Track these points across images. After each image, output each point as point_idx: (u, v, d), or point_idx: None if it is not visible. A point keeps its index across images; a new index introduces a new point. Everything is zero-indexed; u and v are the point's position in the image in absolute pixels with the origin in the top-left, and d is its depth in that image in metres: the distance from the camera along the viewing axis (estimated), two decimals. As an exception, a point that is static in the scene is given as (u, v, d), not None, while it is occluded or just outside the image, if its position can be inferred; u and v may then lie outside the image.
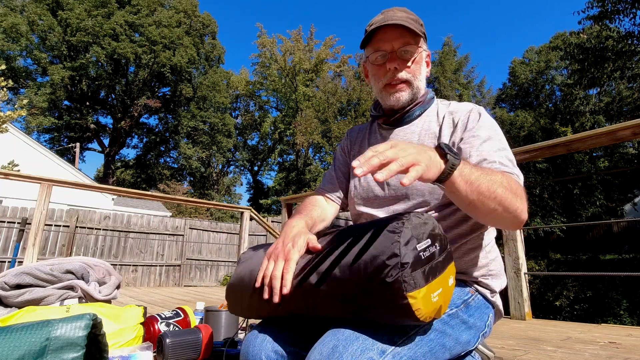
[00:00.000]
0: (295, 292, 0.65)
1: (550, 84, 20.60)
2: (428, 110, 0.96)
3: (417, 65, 0.92)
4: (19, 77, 21.25)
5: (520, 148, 2.49)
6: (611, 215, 12.80)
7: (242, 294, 0.76)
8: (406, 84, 0.91)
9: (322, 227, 0.95)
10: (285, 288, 0.65)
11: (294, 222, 0.85)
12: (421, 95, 0.95)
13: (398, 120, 0.96)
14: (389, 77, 0.91)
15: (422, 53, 0.93)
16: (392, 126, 0.98)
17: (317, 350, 0.59)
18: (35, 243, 3.00)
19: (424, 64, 0.95)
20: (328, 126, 22.34)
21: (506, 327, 2.00)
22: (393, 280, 0.54)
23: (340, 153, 1.11)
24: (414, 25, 0.89)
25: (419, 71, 0.92)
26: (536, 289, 6.37)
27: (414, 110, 0.95)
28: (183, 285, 7.99)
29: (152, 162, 27.98)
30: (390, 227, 0.59)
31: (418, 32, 0.89)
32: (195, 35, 26.37)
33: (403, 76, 0.90)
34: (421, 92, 0.95)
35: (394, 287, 0.54)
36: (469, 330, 0.76)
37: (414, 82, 0.92)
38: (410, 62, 0.91)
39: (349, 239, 0.64)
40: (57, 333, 0.73)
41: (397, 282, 0.54)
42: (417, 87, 0.93)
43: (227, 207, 5.46)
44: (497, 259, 0.89)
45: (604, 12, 8.91)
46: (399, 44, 0.89)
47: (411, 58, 0.91)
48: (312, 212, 0.95)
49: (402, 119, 0.96)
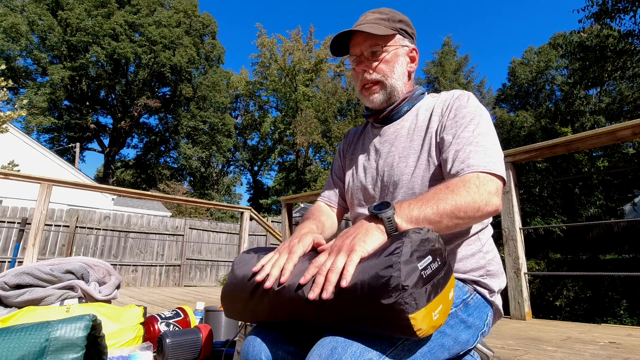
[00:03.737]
0: (294, 301, 0.64)
1: (550, 84, 20.61)
2: (417, 105, 0.97)
3: (388, 64, 0.93)
4: (19, 77, 21.26)
5: (520, 148, 2.49)
6: (611, 215, 12.80)
7: (239, 297, 0.75)
8: (378, 84, 0.93)
9: (331, 233, 0.99)
10: (284, 277, 0.66)
11: (304, 224, 0.90)
12: (401, 92, 0.95)
13: (387, 117, 0.98)
14: (360, 80, 0.95)
15: (396, 51, 0.94)
16: (382, 124, 1.00)
17: (316, 352, 0.58)
18: (35, 243, 3.00)
19: (401, 61, 0.95)
20: (328, 126, 22.35)
21: (506, 327, 2.00)
22: (394, 302, 0.53)
23: (337, 157, 1.14)
24: (380, 27, 0.90)
25: (390, 70, 0.93)
26: (536, 289, 6.37)
27: (401, 107, 0.96)
28: (183, 285, 8.00)
29: (152, 162, 28.00)
30: (391, 245, 0.59)
31: (384, 32, 0.90)
32: (195, 35, 26.38)
33: (372, 77, 0.93)
34: (399, 90, 0.95)
35: (396, 309, 0.53)
36: (468, 329, 0.76)
37: (386, 81, 0.93)
38: (378, 63, 0.92)
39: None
40: (56, 334, 0.73)
41: (398, 304, 0.52)
42: (391, 86, 0.93)
43: (227, 207, 5.46)
44: (495, 258, 0.89)
45: (605, 10, 8.89)
46: (366, 46, 0.92)
47: (378, 59, 0.92)
48: (319, 216, 0.99)
49: (390, 116, 0.97)
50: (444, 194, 0.71)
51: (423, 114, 0.93)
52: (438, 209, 0.68)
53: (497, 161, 0.78)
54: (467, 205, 0.70)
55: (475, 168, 0.76)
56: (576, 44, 11.07)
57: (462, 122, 0.84)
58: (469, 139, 0.81)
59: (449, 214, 0.69)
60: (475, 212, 0.71)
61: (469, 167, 0.76)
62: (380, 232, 0.64)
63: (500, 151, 0.82)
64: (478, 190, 0.72)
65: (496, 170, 0.76)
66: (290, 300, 0.64)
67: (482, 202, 0.72)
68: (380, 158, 0.95)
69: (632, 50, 9.52)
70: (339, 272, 0.59)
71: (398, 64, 0.94)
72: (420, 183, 0.86)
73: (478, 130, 0.82)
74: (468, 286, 0.83)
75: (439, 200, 0.69)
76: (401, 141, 0.92)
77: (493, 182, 0.75)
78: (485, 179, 0.75)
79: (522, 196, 11.05)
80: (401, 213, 0.67)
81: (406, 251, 0.56)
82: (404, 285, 0.53)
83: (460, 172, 0.77)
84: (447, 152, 0.82)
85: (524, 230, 2.52)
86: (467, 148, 0.79)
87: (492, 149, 0.80)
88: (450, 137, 0.83)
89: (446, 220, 0.69)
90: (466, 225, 0.73)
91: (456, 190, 0.71)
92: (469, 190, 0.72)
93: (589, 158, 11.87)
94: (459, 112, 0.86)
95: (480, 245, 0.87)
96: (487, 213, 0.73)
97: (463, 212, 0.70)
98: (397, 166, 0.89)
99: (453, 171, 0.78)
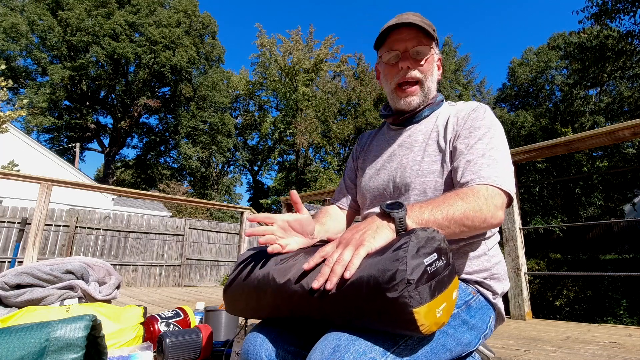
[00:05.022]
0: (297, 293, 0.64)
1: (550, 84, 20.61)
2: (436, 111, 0.98)
3: (430, 66, 0.94)
4: (19, 77, 21.25)
5: (520, 148, 2.50)
6: (611, 215, 12.80)
7: (242, 294, 0.76)
8: (418, 84, 0.94)
9: (335, 234, 0.98)
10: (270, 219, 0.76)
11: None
12: (432, 97, 0.97)
13: (406, 119, 0.98)
14: (400, 76, 0.93)
15: (434, 55, 0.96)
16: (400, 126, 1.00)
17: (319, 350, 0.58)
18: (35, 243, 3.00)
19: (435, 67, 0.98)
20: (328, 126, 22.34)
21: (506, 327, 2.00)
22: (399, 295, 0.53)
23: (350, 159, 1.15)
24: (427, 28, 0.91)
25: (430, 72, 0.95)
26: (536, 289, 6.37)
27: (422, 111, 0.97)
28: (183, 285, 7.99)
29: (152, 162, 27.98)
30: (397, 241, 0.59)
31: (431, 34, 0.91)
32: (195, 35, 26.37)
33: (415, 75, 0.93)
34: (432, 94, 0.97)
35: (400, 303, 0.53)
36: (470, 331, 0.76)
37: (426, 82, 0.94)
38: (423, 62, 0.93)
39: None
40: (56, 334, 0.73)
41: (403, 298, 0.53)
42: (428, 88, 0.95)
43: (227, 207, 5.46)
44: (500, 263, 0.90)
45: (604, 10, 8.88)
46: (413, 44, 0.92)
47: (424, 58, 0.93)
48: (321, 219, 1.00)
49: (410, 118, 0.98)
50: (454, 200, 0.72)
51: (441, 121, 0.94)
52: (448, 214, 0.69)
53: (507, 177, 0.79)
54: (475, 215, 0.72)
55: (485, 180, 0.77)
56: (575, 45, 11.07)
57: (476, 134, 0.85)
58: (481, 150, 0.82)
59: (457, 220, 0.70)
60: (482, 222, 0.73)
61: (479, 179, 0.78)
62: (390, 230, 0.65)
63: (511, 168, 0.82)
64: (486, 202, 0.74)
65: (504, 186, 0.77)
66: (294, 292, 0.64)
67: (488, 214, 0.73)
68: (395, 160, 0.95)
69: (632, 50, 9.51)
70: (345, 264, 0.59)
71: (434, 68, 0.96)
72: (432, 187, 0.87)
73: (491, 144, 0.83)
74: (471, 287, 0.84)
75: (449, 206, 0.70)
76: (417, 145, 0.93)
77: (500, 197, 0.77)
78: (494, 193, 0.76)
79: (522, 196, 11.05)
80: (412, 215, 0.68)
81: (413, 246, 0.57)
82: (409, 279, 0.53)
83: (470, 182, 0.78)
84: (458, 161, 0.83)
85: (524, 230, 2.52)
86: (480, 160, 0.80)
87: (503, 164, 0.81)
88: (463, 147, 0.84)
89: (454, 227, 0.70)
90: (470, 234, 0.75)
91: (466, 198, 0.73)
92: (478, 200, 0.73)
93: (589, 158, 11.88)
94: (474, 124, 0.87)
95: (487, 249, 0.87)
96: (491, 225, 0.75)
97: (470, 220, 0.71)
98: (411, 169, 0.90)
99: (463, 180, 0.80)
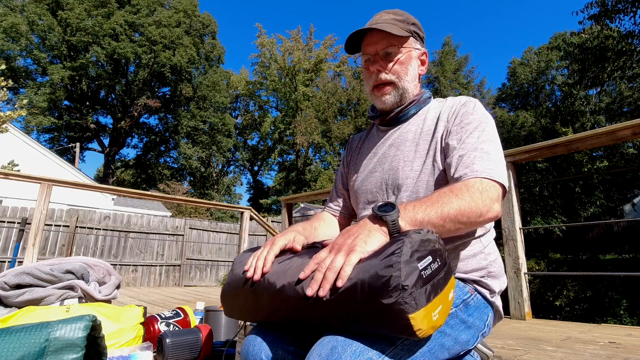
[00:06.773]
0: (293, 299, 0.64)
1: (551, 84, 20.61)
2: (424, 109, 0.98)
3: (402, 65, 0.94)
4: (19, 77, 21.26)
5: (520, 148, 2.50)
6: (611, 215, 12.79)
7: (239, 296, 0.75)
8: (391, 85, 0.94)
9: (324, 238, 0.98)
10: (265, 267, 0.71)
11: (293, 225, 0.93)
12: (412, 95, 0.96)
13: (393, 119, 0.98)
14: (373, 80, 0.95)
15: (409, 53, 0.95)
16: (388, 126, 1.00)
17: (316, 352, 0.58)
18: (35, 243, 3.00)
19: (414, 64, 0.96)
20: (328, 126, 22.33)
21: (506, 327, 2.00)
22: (394, 301, 0.52)
23: (341, 165, 1.15)
24: (397, 27, 0.90)
25: (404, 72, 0.94)
26: (536, 289, 6.36)
27: (408, 110, 0.96)
28: (183, 285, 7.99)
29: (152, 162, 27.99)
30: (391, 246, 0.59)
31: (401, 33, 0.90)
32: (195, 35, 26.38)
33: (386, 78, 0.93)
34: (410, 92, 0.96)
35: (396, 309, 0.53)
36: (468, 329, 0.76)
37: (399, 82, 0.93)
38: (392, 64, 0.93)
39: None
40: (56, 334, 0.73)
41: (398, 304, 0.52)
42: (403, 88, 0.94)
43: (227, 207, 5.46)
44: (497, 260, 0.89)
45: (605, 10, 8.88)
46: (381, 46, 0.92)
47: (393, 59, 0.93)
48: (313, 222, 1.01)
49: (397, 118, 0.97)
50: (448, 197, 0.71)
51: (430, 118, 0.94)
52: (442, 212, 0.69)
53: (500, 169, 0.79)
54: (470, 211, 0.71)
55: (478, 174, 0.77)
56: (575, 46, 11.08)
57: (467, 128, 0.85)
58: (473, 144, 0.82)
59: (452, 218, 0.69)
60: (478, 217, 0.72)
61: (472, 172, 0.77)
62: (383, 233, 0.64)
63: (503, 159, 0.83)
64: (481, 196, 0.73)
65: (498, 177, 0.77)
66: (290, 297, 0.64)
67: (484, 208, 0.73)
68: (386, 161, 0.95)
69: (632, 50, 9.51)
70: (337, 271, 0.59)
71: (411, 66, 0.95)
72: (425, 187, 0.86)
73: (483, 137, 0.83)
74: (469, 286, 0.83)
75: (444, 204, 0.70)
76: (407, 145, 0.93)
77: (495, 189, 0.76)
78: (488, 185, 0.76)
79: (522, 196, 11.05)
80: (405, 216, 0.67)
81: (406, 251, 0.56)
82: (404, 285, 0.53)
83: (464, 176, 0.78)
84: (451, 156, 0.83)
85: (524, 230, 2.52)
86: (472, 154, 0.80)
87: (495, 156, 0.81)
88: (455, 143, 0.84)
89: (449, 225, 0.70)
90: (466, 230, 0.74)
91: (460, 194, 0.72)
92: (472, 195, 0.72)
93: (589, 158, 11.88)
94: (464, 119, 0.87)
95: (482, 247, 0.87)
96: (488, 219, 0.75)
97: (466, 217, 0.71)
98: (403, 170, 0.90)
99: (456, 175, 0.80)
